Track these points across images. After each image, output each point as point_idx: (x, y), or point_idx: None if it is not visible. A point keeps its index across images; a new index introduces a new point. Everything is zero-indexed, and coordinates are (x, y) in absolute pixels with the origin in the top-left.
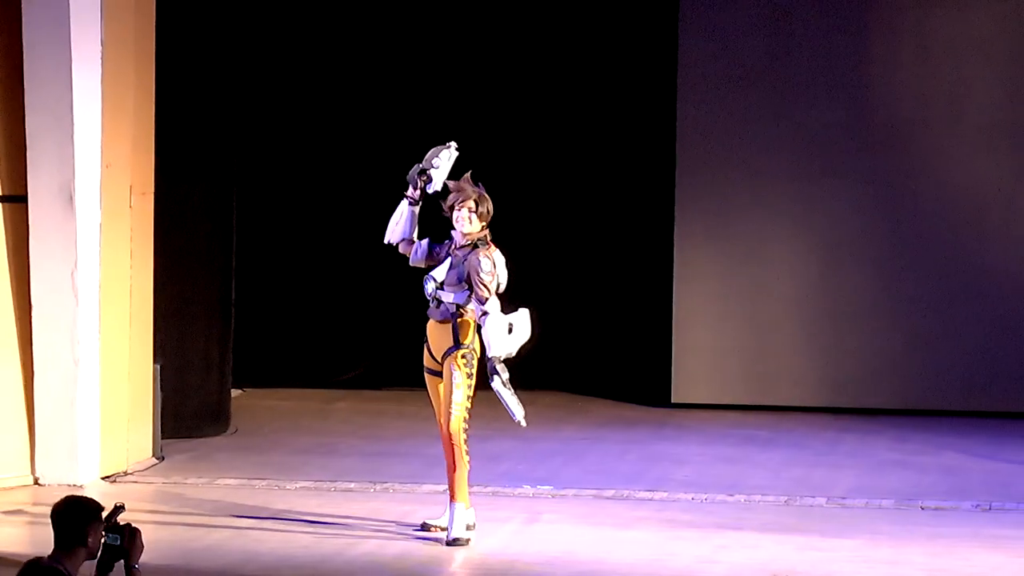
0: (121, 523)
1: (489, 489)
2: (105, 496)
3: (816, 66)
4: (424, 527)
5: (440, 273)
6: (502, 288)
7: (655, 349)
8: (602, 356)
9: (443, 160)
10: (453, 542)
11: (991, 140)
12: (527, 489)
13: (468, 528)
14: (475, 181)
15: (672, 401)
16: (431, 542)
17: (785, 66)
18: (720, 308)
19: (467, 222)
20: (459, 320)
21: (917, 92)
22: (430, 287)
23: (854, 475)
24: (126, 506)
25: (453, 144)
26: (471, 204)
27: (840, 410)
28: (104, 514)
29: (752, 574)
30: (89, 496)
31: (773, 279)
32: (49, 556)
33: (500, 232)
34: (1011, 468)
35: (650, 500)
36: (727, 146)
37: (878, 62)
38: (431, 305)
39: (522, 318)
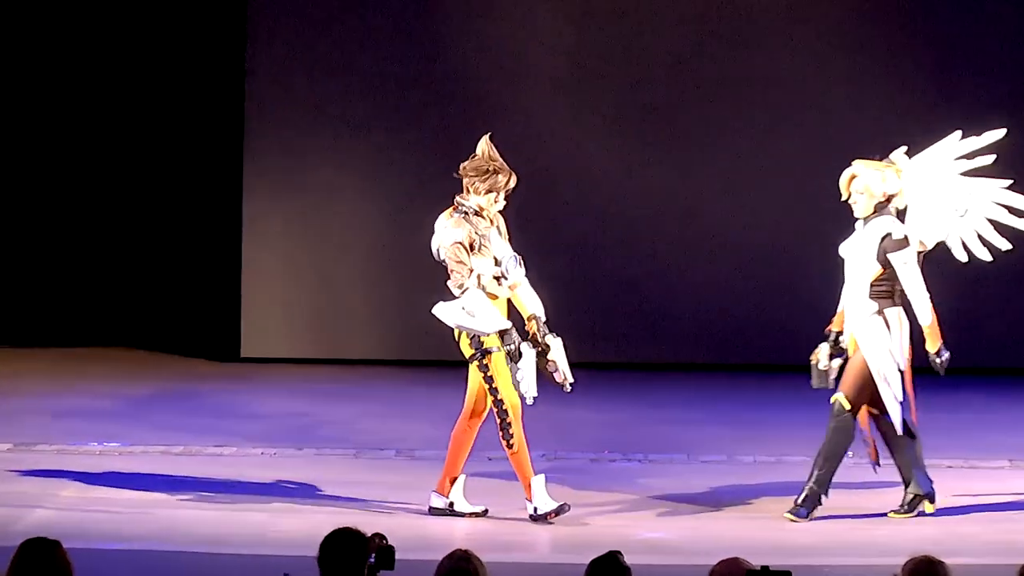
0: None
1: (54, 447)
2: None
3: (386, 17)
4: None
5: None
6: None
7: (224, 304)
8: (171, 311)
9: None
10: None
11: (556, 93)
12: (93, 447)
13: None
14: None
15: (242, 356)
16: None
17: (356, 16)
18: (289, 262)
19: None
20: None
21: (484, 44)
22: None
23: (423, 427)
24: None
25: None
26: None
27: (409, 362)
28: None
29: (325, 530)
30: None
31: (342, 232)
32: None
33: (53, 193)
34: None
35: (220, 456)
36: (298, 97)
37: (446, 13)
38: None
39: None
